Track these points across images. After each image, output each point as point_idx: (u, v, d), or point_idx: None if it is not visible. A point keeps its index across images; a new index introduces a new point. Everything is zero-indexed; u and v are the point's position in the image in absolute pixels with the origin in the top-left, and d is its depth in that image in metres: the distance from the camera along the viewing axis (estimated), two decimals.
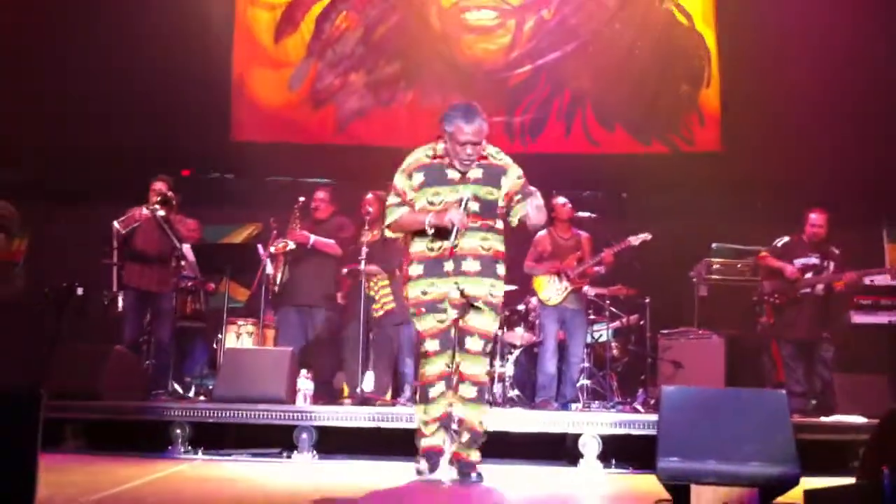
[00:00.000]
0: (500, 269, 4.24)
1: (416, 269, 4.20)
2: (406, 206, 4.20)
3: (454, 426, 4.22)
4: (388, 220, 4.27)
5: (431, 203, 4.14)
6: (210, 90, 9.33)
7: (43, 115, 8.65)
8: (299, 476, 4.65)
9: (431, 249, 4.15)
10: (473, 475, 4.08)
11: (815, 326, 6.81)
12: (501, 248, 4.25)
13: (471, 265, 4.13)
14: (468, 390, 4.17)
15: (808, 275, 6.85)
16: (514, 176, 4.23)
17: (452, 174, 4.16)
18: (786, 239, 7.04)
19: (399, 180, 4.23)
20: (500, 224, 4.26)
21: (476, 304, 4.15)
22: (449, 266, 4.12)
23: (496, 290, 4.20)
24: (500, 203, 4.22)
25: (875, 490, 2.61)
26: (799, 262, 6.88)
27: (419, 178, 4.18)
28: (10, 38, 8.59)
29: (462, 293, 4.13)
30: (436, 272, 4.15)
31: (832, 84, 8.62)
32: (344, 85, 9.69)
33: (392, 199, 4.24)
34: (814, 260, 6.88)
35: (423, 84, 9.54)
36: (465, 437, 4.15)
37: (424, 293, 4.16)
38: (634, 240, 6.95)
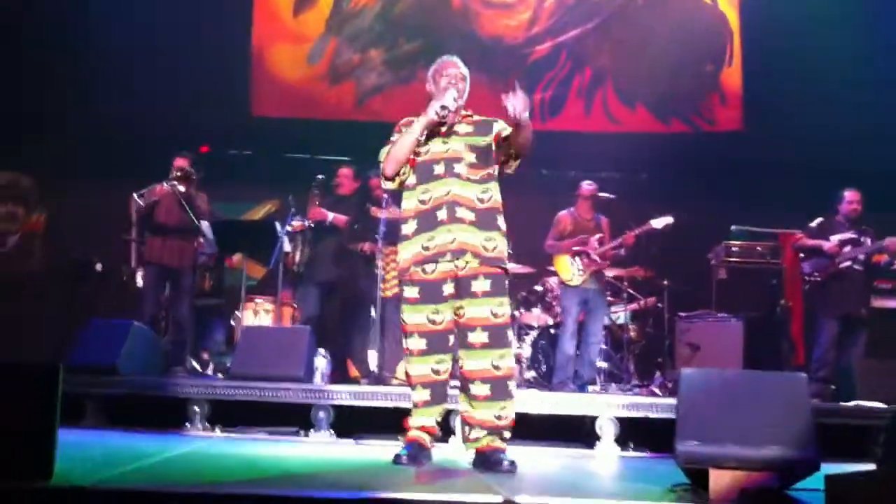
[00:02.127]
0: (500, 220, 4.06)
1: (411, 225, 4.05)
2: None
3: (464, 431, 4.07)
4: (382, 157, 4.12)
5: (417, 154, 4.06)
6: (229, 65, 9.34)
7: (62, 91, 8.66)
8: (316, 454, 4.65)
9: (423, 202, 4.00)
10: (506, 463, 3.84)
11: (856, 303, 6.81)
12: (498, 197, 4.08)
13: (465, 214, 3.95)
14: (479, 389, 3.94)
15: (847, 248, 6.82)
16: (503, 123, 4.13)
17: (440, 128, 4.10)
18: (820, 219, 7.03)
19: (394, 136, 4.15)
20: (496, 172, 4.11)
21: (473, 282, 3.95)
22: (442, 214, 3.95)
23: (491, 243, 3.98)
24: (493, 149, 4.09)
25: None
26: (835, 238, 6.86)
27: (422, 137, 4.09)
28: (27, 17, 8.60)
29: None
30: (431, 223, 3.97)
31: (855, 63, 8.51)
32: (363, 61, 9.66)
33: (384, 150, 4.15)
34: (850, 235, 6.86)
35: None
36: (480, 432, 3.98)
37: (426, 248, 3.96)
38: (657, 223, 6.92)
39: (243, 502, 2.95)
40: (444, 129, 4.09)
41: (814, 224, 7.06)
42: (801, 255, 7.14)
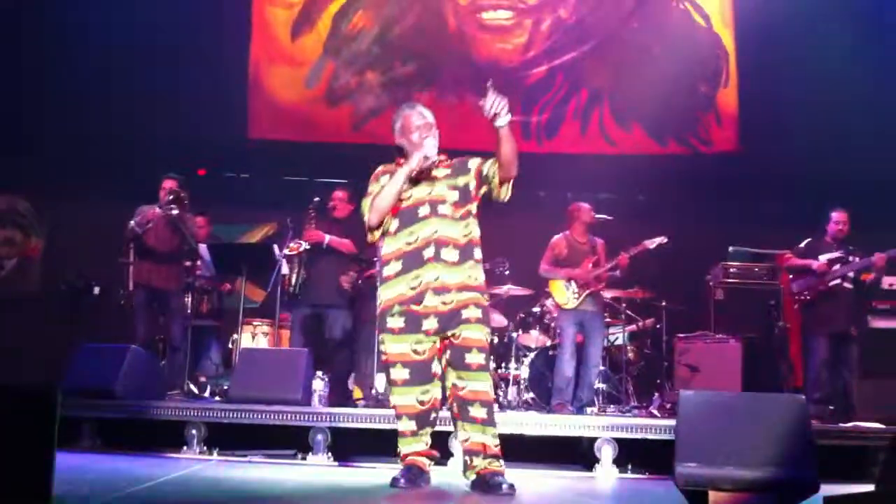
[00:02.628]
0: (478, 252, 4.14)
1: (394, 266, 4.08)
2: None
3: (466, 461, 4.07)
4: (365, 209, 4.16)
5: (401, 200, 4.10)
6: (226, 87, 9.37)
7: (56, 113, 8.68)
8: (314, 477, 4.64)
9: (409, 244, 4.05)
10: (504, 486, 3.85)
11: (845, 321, 6.81)
12: (478, 232, 4.17)
13: (451, 254, 4.02)
14: (478, 412, 3.97)
15: (836, 266, 6.85)
16: (478, 159, 4.20)
17: (421, 174, 4.16)
18: (808, 240, 7.07)
19: (371, 186, 4.20)
20: (475, 209, 4.18)
21: (463, 311, 3.99)
22: (429, 252, 4.01)
23: (476, 271, 4.08)
24: (472, 186, 4.14)
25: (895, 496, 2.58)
26: (823, 257, 6.89)
27: (386, 180, 4.14)
28: (23, 35, 8.63)
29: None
30: (417, 262, 4.02)
31: (850, 84, 8.56)
32: (360, 84, 9.71)
33: (365, 202, 4.19)
34: (838, 254, 6.90)
35: (439, 83, 9.54)
36: (479, 458, 3.98)
37: (413, 288, 4.00)
38: (650, 243, 6.96)
39: None
40: (423, 175, 4.15)
41: (802, 245, 7.09)
42: (791, 275, 7.15)
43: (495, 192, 4.16)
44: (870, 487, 3.32)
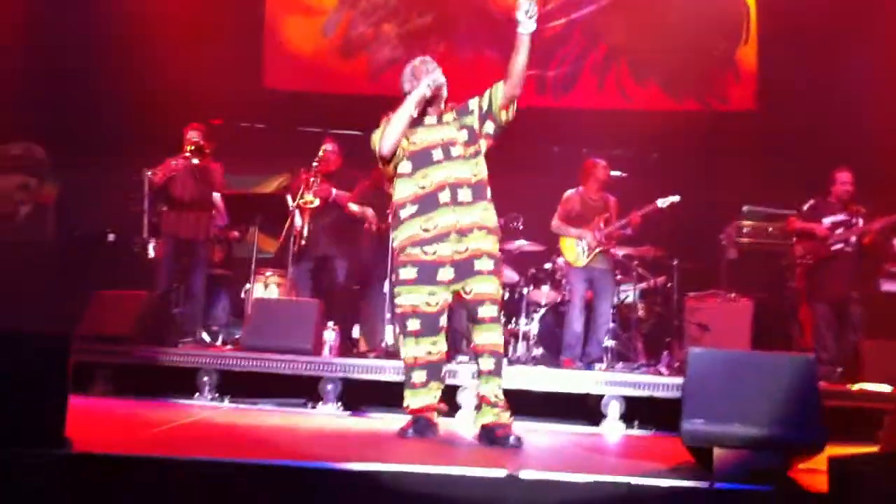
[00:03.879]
0: (489, 192, 4.22)
1: (409, 209, 4.15)
2: None
3: (474, 404, 4.17)
4: (376, 140, 4.23)
5: (413, 143, 4.19)
6: (243, 38, 9.31)
7: (72, 62, 8.66)
8: (324, 425, 4.70)
9: (423, 187, 4.11)
10: (511, 439, 3.92)
11: (846, 286, 6.80)
12: (486, 172, 4.24)
13: (466, 194, 4.11)
14: (486, 362, 4.06)
15: (839, 231, 6.82)
16: (475, 98, 4.27)
17: (429, 119, 4.26)
18: (811, 202, 7.02)
19: (382, 124, 4.25)
20: (483, 147, 4.26)
21: (476, 261, 4.07)
22: (445, 196, 4.08)
23: (489, 213, 4.18)
24: (476, 124, 4.23)
25: None
26: (827, 220, 6.89)
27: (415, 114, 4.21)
28: None
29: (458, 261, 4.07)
30: (432, 205, 4.10)
31: (872, 43, 8.42)
32: (377, 35, 9.63)
33: (376, 134, 4.25)
34: (842, 216, 6.89)
35: (455, 36, 9.44)
36: (485, 408, 4.06)
37: (426, 230, 4.08)
38: (662, 202, 6.93)
39: (252, 471, 2.98)
40: (432, 119, 4.24)
41: (806, 207, 7.05)
42: (795, 238, 7.12)
43: (500, 118, 4.23)
44: (874, 449, 3.35)
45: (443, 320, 4.15)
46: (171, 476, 2.92)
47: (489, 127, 4.25)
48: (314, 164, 6.88)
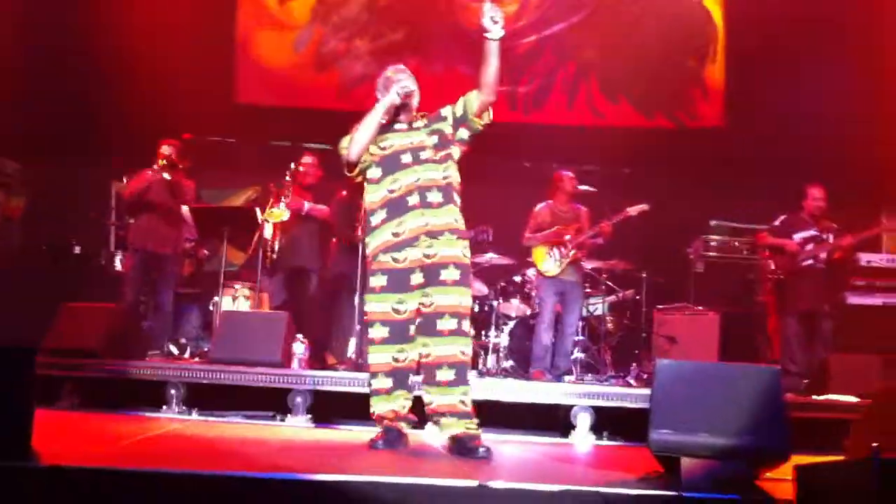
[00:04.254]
0: (457, 197, 4.23)
1: (379, 215, 4.16)
2: None
3: (432, 420, 4.16)
4: (343, 145, 4.26)
5: (383, 148, 4.21)
6: (214, 52, 9.28)
7: (43, 73, 8.59)
8: (293, 437, 4.67)
9: (392, 191, 4.12)
10: (480, 450, 3.91)
11: (816, 300, 6.88)
12: (458, 177, 4.26)
13: (435, 196, 4.11)
14: (445, 374, 4.03)
15: (809, 246, 6.90)
16: (449, 105, 4.31)
17: (399, 126, 4.29)
18: (783, 217, 7.10)
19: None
20: (455, 153, 4.28)
21: (443, 271, 4.06)
22: (414, 199, 4.09)
23: (459, 218, 4.18)
24: (449, 130, 4.25)
25: (864, 467, 2.63)
26: (798, 235, 6.97)
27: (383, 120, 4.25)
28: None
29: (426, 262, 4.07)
30: (401, 209, 4.10)
31: (837, 62, 8.57)
32: (348, 50, 9.64)
33: (344, 140, 4.29)
34: (813, 232, 6.97)
35: (427, 51, 9.48)
36: (450, 419, 4.05)
37: (396, 234, 4.08)
38: (632, 210, 6.99)
39: (220, 483, 2.96)
40: (402, 126, 4.27)
41: (777, 222, 7.14)
42: (766, 252, 7.21)
43: (475, 124, 4.26)
44: (841, 458, 3.39)
45: (412, 328, 4.13)
46: (139, 489, 2.89)
47: (463, 133, 4.28)
48: (287, 177, 6.89)
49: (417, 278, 4.08)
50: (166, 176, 6.81)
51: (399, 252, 4.08)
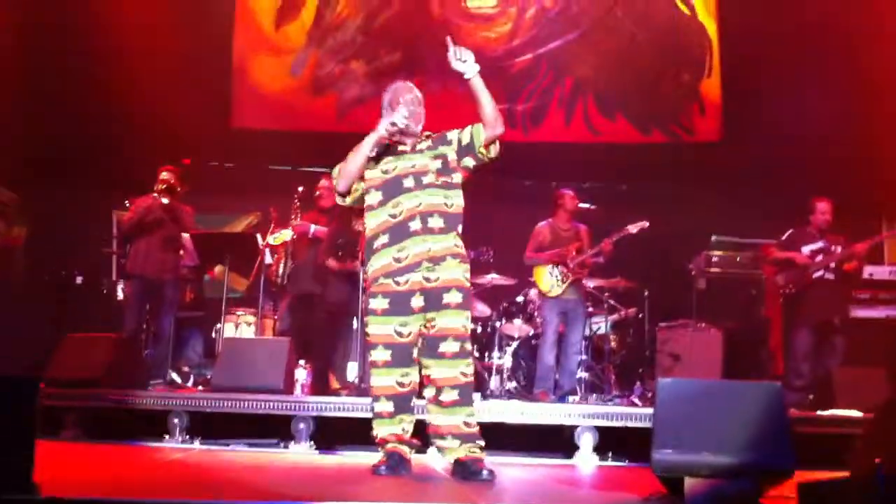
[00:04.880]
0: (459, 225, 4.18)
1: (381, 240, 4.12)
2: None
3: (434, 443, 4.15)
4: (334, 174, 4.29)
5: (385, 172, 4.17)
6: (210, 77, 9.32)
7: (41, 102, 8.62)
8: (297, 465, 4.66)
9: (393, 216, 4.09)
10: (484, 473, 3.89)
11: (829, 312, 6.85)
12: (462, 203, 4.21)
13: (437, 221, 4.07)
14: (448, 395, 4.02)
15: (819, 258, 6.88)
16: (456, 131, 4.26)
17: (402, 147, 4.24)
18: (790, 231, 7.09)
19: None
20: (458, 178, 4.23)
21: (445, 295, 4.04)
22: (416, 224, 4.05)
23: (459, 241, 4.15)
24: (453, 156, 4.20)
25: (868, 483, 2.62)
26: (806, 248, 6.93)
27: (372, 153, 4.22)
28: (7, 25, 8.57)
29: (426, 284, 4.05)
30: (403, 234, 4.07)
31: (834, 74, 8.60)
32: (345, 73, 9.68)
33: (336, 168, 4.30)
34: (820, 244, 6.93)
35: (423, 72, 9.50)
36: (454, 441, 4.03)
37: (398, 260, 4.05)
38: (632, 228, 6.99)
39: None
40: (408, 148, 4.22)
41: (784, 237, 7.12)
42: (775, 267, 7.18)
43: (483, 155, 4.21)
44: (844, 475, 3.37)
45: (416, 351, 4.11)
46: None
47: (468, 161, 4.23)
48: (295, 200, 6.90)
49: (418, 301, 4.05)
50: (165, 201, 6.82)
51: (400, 276, 4.07)
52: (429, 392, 4.11)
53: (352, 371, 6.54)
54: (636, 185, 9.07)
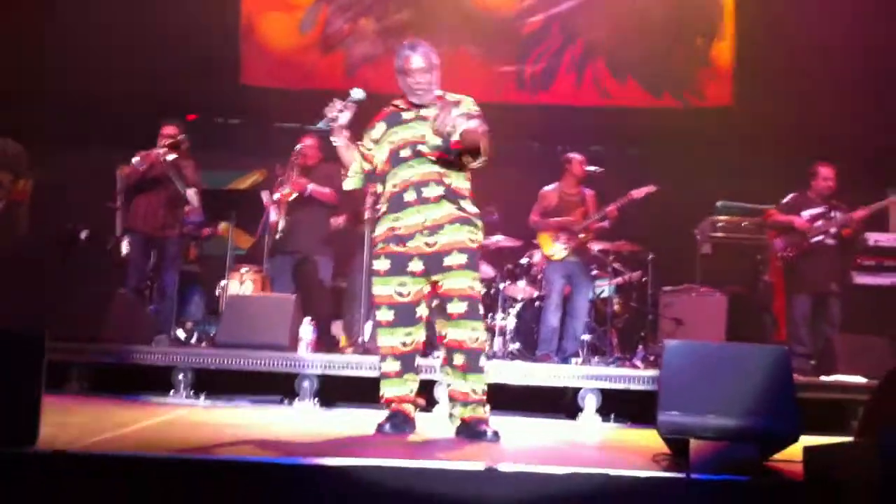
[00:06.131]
0: (466, 204, 4.12)
1: (383, 207, 4.16)
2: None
3: (450, 406, 4.16)
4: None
5: (391, 142, 4.16)
6: (219, 33, 9.23)
7: (48, 57, 8.57)
8: (300, 422, 4.68)
9: (395, 186, 4.09)
10: (489, 433, 3.93)
11: (827, 279, 6.83)
12: (462, 183, 4.15)
13: (433, 190, 4.05)
14: (457, 358, 4.02)
15: (819, 223, 6.85)
16: (466, 107, 4.15)
17: (407, 115, 4.20)
18: (791, 195, 7.05)
19: (365, 133, 4.32)
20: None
21: (446, 258, 4.02)
22: (410, 196, 4.05)
23: (463, 205, 4.10)
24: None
25: (873, 448, 2.61)
26: (806, 213, 6.90)
27: (381, 126, 4.25)
28: None
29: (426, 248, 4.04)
30: (399, 206, 4.08)
31: (847, 40, 8.50)
32: (354, 30, 9.59)
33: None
34: (821, 209, 6.90)
35: (433, 32, 9.36)
36: (460, 407, 4.05)
37: (394, 230, 4.07)
38: (638, 193, 6.96)
39: (228, 468, 2.96)
40: (411, 115, 4.19)
41: (786, 200, 7.09)
42: (774, 231, 7.15)
43: (465, 161, 4.14)
44: (849, 439, 3.37)
45: (420, 310, 4.12)
46: (146, 474, 2.88)
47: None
48: (292, 157, 6.86)
49: (417, 265, 4.06)
50: (170, 157, 6.78)
51: (398, 243, 4.08)
52: (441, 353, 4.13)
53: (368, 330, 6.52)
54: (645, 149, 9.02)
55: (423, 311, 4.14)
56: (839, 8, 8.44)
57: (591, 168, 7.21)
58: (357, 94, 4.19)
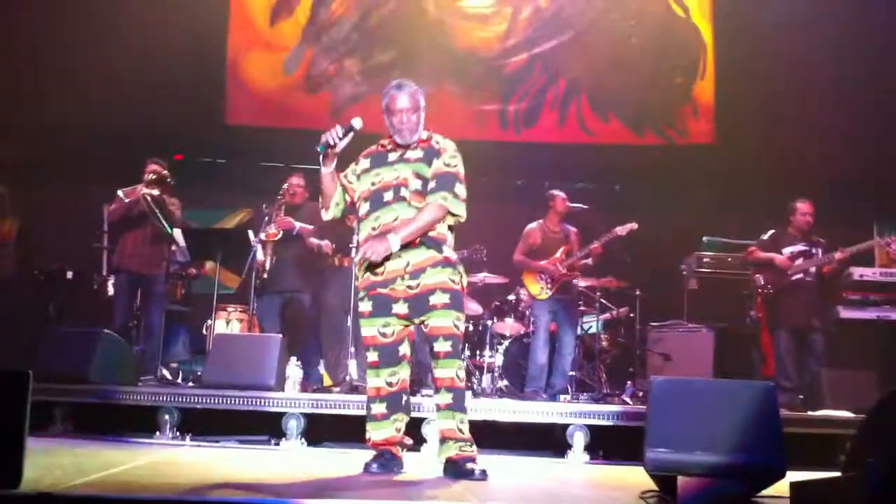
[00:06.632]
0: (446, 249, 4.12)
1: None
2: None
3: (437, 447, 4.15)
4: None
5: (373, 184, 4.17)
6: (205, 73, 9.31)
7: (35, 96, 8.59)
8: (288, 462, 4.64)
9: (374, 229, 4.09)
10: (476, 471, 3.91)
11: (807, 314, 6.85)
12: (443, 229, 4.13)
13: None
14: (443, 398, 4.03)
15: (799, 261, 6.89)
16: (443, 160, 4.15)
17: (392, 156, 4.22)
18: (771, 232, 7.10)
19: (350, 166, 4.35)
20: None
21: (430, 297, 4.02)
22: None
23: (443, 249, 4.08)
24: (429, 176, 4.14)
25: (860, 483, 2.62)
26: (787, 250, 6.95)
27: (365, 163, 4.28)
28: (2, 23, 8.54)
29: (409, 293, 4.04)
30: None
31: (826, 78, 8.64)
32: (339, 71, 9.68)
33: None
34: (801, 247, 6.96)
35: (418, 71, 9.49)
36: (448, 444, 4.04)
37: (376, 273, 4.07)
38: (621, 230, 6.99)
39: None
40: (395, 156, 4.20)
41: (766, 236, 7.13)
42: (755, 268, 7.18)
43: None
44: (835, 474, 3.38)
45: (403, 349, 4.13)
46: None
47: None
48: (279, 196, 6.88)
49: (402, 308, 4.06)
50: (154, 193, 6.77)
51: (382, 286, 4.09)
52: (432, 392, 4.13)
53: (353, 369, 6.50)
54: (629, 186, 9.09)
55: (405, 349, 4.15)
56: (816, 45, 8.58)
57: (576, 205, 7.25)
58: (357, 123, 4.19)
